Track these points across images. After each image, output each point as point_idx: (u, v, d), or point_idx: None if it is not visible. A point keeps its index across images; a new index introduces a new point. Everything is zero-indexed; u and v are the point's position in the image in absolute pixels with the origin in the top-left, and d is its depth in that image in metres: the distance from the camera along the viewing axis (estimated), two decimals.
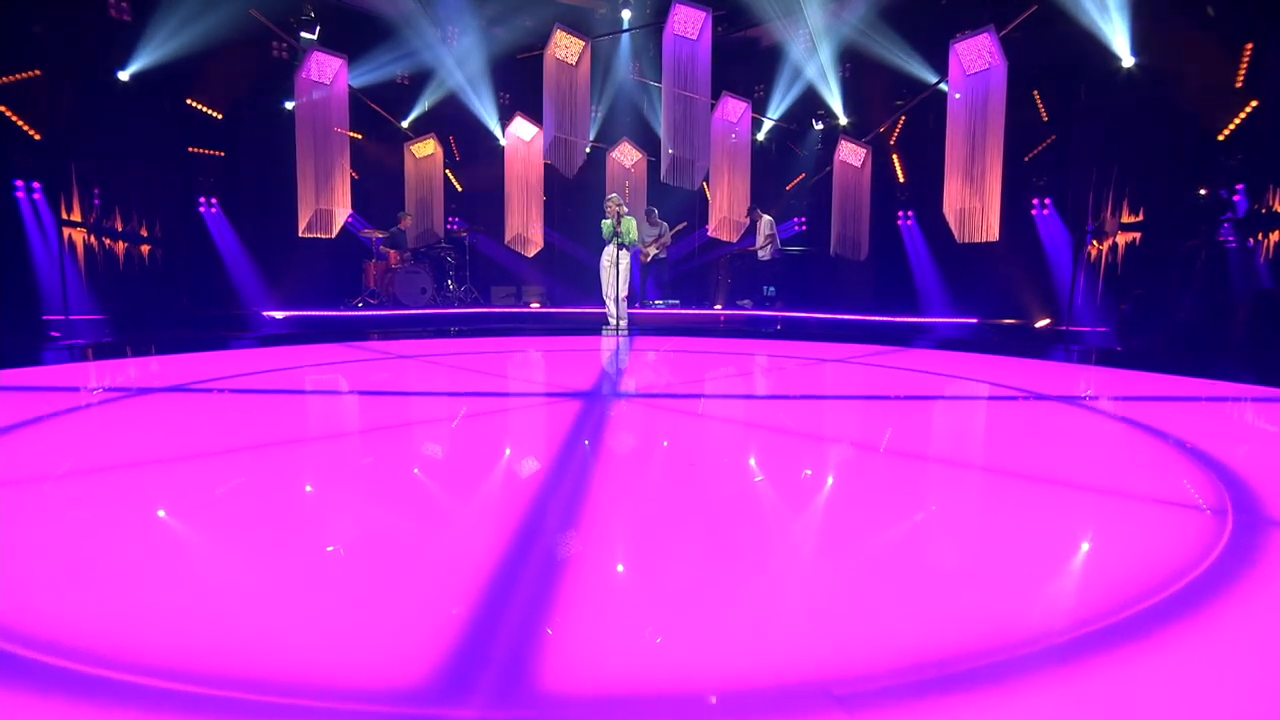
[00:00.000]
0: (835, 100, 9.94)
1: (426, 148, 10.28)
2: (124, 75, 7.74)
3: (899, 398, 3.54)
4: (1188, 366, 4.44)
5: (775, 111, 10.65)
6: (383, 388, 3.72)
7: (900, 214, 9.72)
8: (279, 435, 2.46)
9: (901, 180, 9.79)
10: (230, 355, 4.73)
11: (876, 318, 8.08)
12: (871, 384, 3.91)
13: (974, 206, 7.58)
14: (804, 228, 10.82)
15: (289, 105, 8.70)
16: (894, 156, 9.79)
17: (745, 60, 11.08)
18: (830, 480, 2.04)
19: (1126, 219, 6.55)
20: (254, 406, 3.06)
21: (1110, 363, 4.75)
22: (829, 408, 3.33)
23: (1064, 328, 6.00)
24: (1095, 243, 6.45)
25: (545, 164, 9.99)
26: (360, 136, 10.16)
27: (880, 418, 3.05)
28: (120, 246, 7.47)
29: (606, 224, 7.13)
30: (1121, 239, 6.64)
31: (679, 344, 6.04)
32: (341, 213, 8.56)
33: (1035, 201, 8.33)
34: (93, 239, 7.08)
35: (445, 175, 10.64)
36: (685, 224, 10.07)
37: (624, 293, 7.40)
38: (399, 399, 3.37)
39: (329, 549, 1.37)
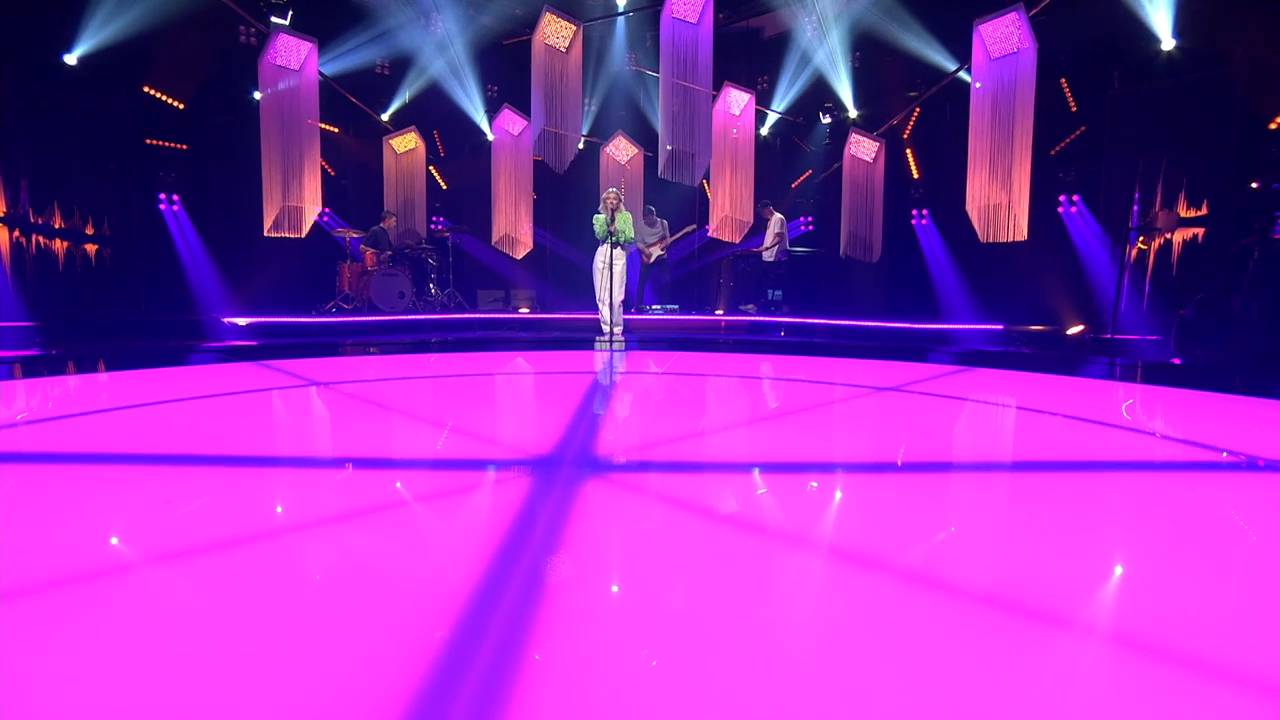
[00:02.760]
0: (845, 91, 9.32)
1: (408, 142, 9.63)
2: (71, 59, 7.07)
3: (1039, 468, 2.11)
4: None
5: (780, 104, 10.03)
6: (229, 450, 2.29)
7: (915, 212, 9.09)
8: None
9: (916, 176, 9.17)
10: (87, 381, 3.58)
11: (894, 324, 7.44)
12: (970, 436, 2.59)
13: (1000, 203, 6.96)
14: (811, 228, 10.19)
15: (258, 95, 8.04)
16: (908, 151, 9.17)
17: (747, 51, 10.47)
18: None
19: (1184, 214, 5.93)
20: None
21: (1240, 388, 3.72)
22: (941, 492, 1.87)
23: (1109, 336, 5.37)
24: (1142, 241, 5.82)
25: (535, 160, 9.37)
26: (336, 130, 9.52)
27: (1047, 524, 1.60)
28: (60, 245, 6.78)
29: (600, 219, 6.49)
30: (1165, 239, 6.02)
31: (683, 362, 4.92)
32: (312, 210, 7.88)
33: (1063, 198, 7.72)
34: (19, 235, 6.37)
35: (428, 171, 9.98)
36: (694, 226, 9.46)
37: (619, 297, 6.75)
38: (236, 474, 1.99)
39: None
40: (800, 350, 5.87)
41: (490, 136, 9.82)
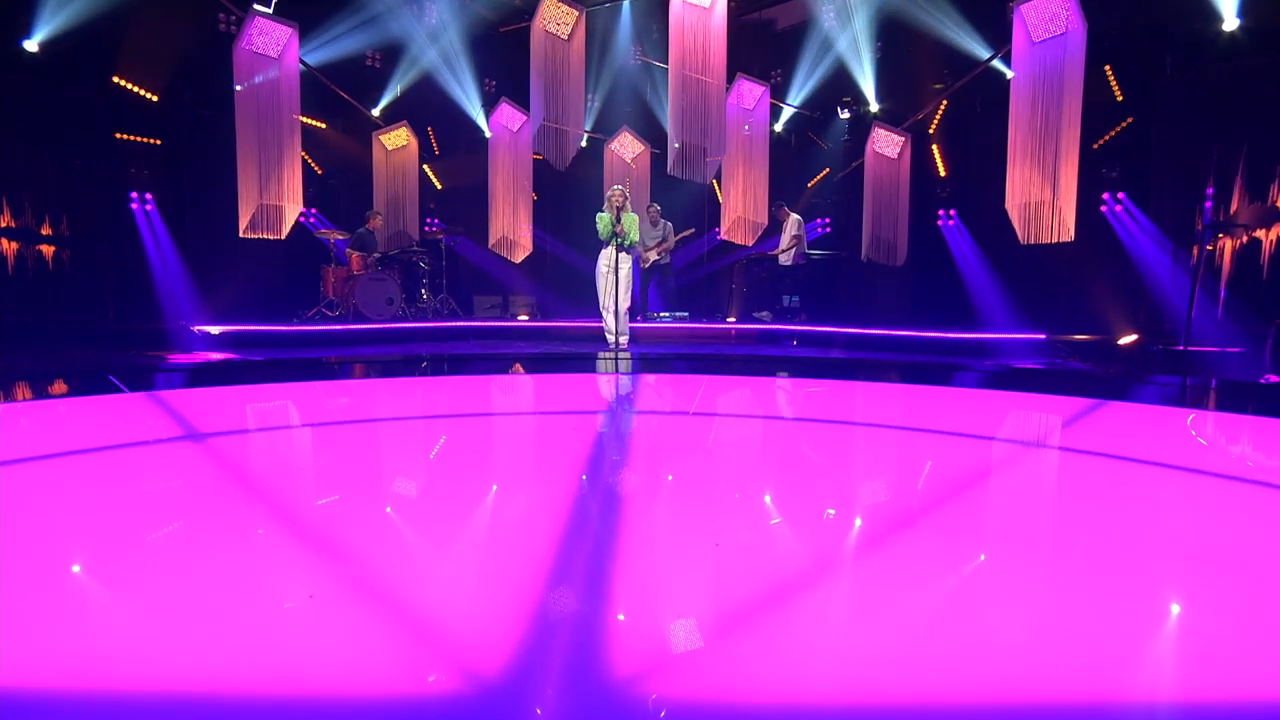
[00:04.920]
0: (865, 83, 8.71)
1: (399, 138, 9.06)
2: (31, 45, 6.51)
3: None
4: None
5: (795, 98, 9.43)
6: None
7: (941, 213, 8.46)
8: None
9: (943, 174, 8.55)
10: None
11: (930, 334, 6.80)
12: None
13: (1043, 200, 6.34)
14: (828, 230, 9.57)
15: (240, 88, 7.47)
16: (933, 147, 8.56)
17: (759, 44, 9.88)
18: None
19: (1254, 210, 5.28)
20: None
21: None
22: None
23: (1181, 348, 4.73)
24: (1221, 240, 5.17)
25: (535, 159, 8.80)
26: (323, 125, 8.95)
27: None
28: (8, 246, 6.19)
29: (604, 218, 5.88)
30: (1249, 237, 5.36)
31: (713, 394, 3.83)
32: (292, 209, 7.30)
33: (1106, 196, 7.09)
34: None
35: (421, 170, 9.40)
36: (693, 230, 8.82)
37: (625, 304, 6.14)
38: None
39: None
40: (845, 371, 5.10)
41: (487, 133, 9.26)
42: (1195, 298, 4.69)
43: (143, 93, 7.48)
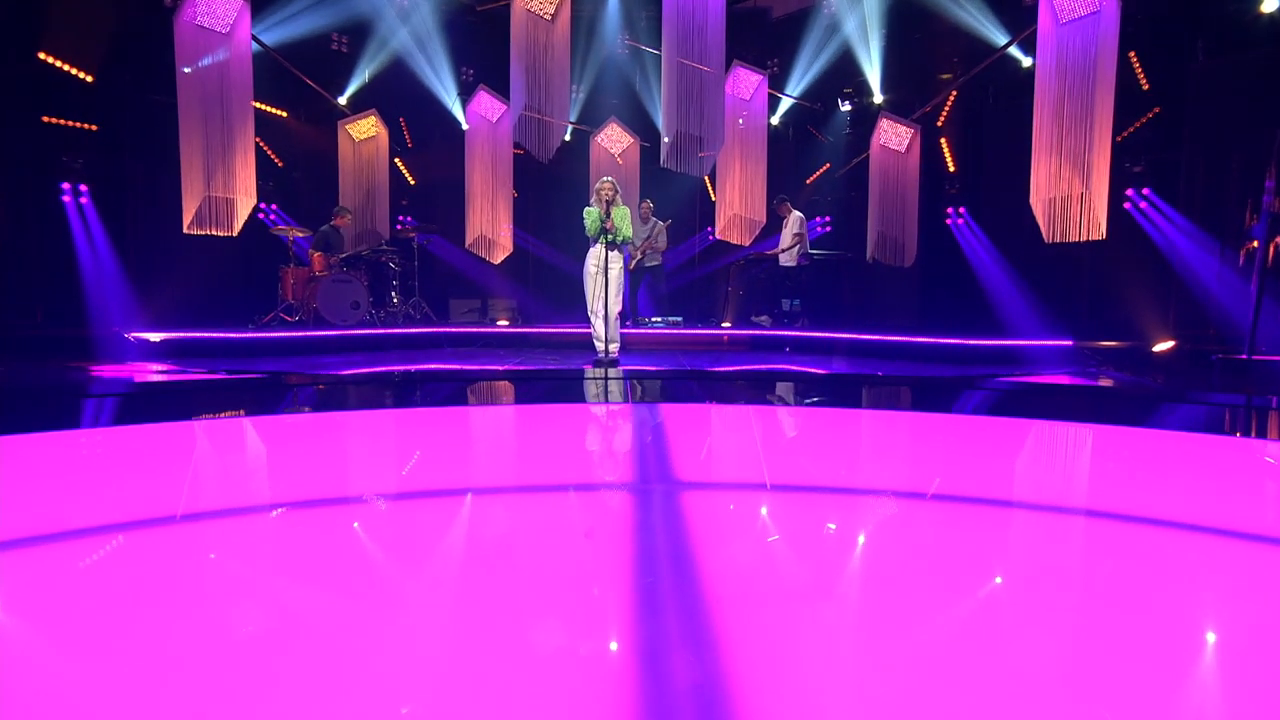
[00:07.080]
0: (872, 72, 8.18)
1: (367, 128, 8.34)
2: None
3: None
4: None
5: (794, 89, 8.89)
6: None
7: (950, 210, 7.95)
8: None
9: (952, 170, 8.04)
10: None
11: (946, 340, 6.26)
12: None
13: (1073, 195, 5.84)
14: (828, 229, 9.03)
15: (188, 70, 6.71)
16: (942, 140, 8.05)
17: (755, 34, 9.33)
18: None
19: None
20: None
21: None
22: None
23: (1245, 356, 4.23)
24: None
25: (516, 152, 8.15)
26: (284, 114, 8.21)
27: None
28: None
29: (592, 212, 5.25)
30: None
31: (740, 432, 2.93)
32: (245, 203, 6.57)
33: (1130, 192, 6.63)
34: None
35: (392, 163, 8.69)
36: (670, 220, 8.13)
37: (615, 308, 5.50)
38: None
39: None
40: (889, 394, 4.34)
41: (464, 124, 8.58)
42: (1261, 300, 4.18)
43: (75, 71, 6.69)
